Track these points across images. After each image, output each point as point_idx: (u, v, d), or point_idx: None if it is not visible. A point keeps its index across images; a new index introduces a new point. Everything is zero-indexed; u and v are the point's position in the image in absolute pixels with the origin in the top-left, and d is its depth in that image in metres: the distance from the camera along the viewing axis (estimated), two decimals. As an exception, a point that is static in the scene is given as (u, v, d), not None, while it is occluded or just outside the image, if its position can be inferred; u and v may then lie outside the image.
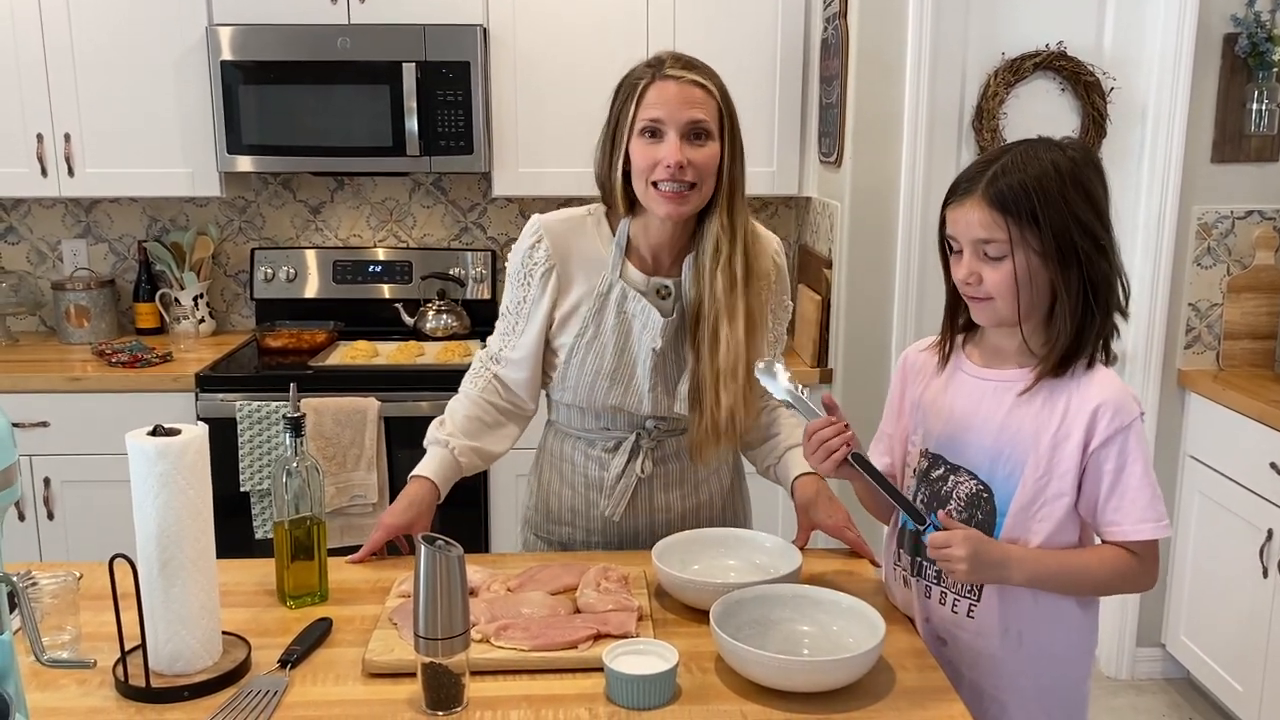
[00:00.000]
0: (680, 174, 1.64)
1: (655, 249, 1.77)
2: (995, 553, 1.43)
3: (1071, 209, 1.41)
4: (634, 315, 1.76)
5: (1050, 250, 1.41)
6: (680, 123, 1.64)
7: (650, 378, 1.77)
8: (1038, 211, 1.40)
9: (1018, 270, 1.41)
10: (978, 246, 1.44)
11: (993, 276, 1.43)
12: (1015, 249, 1.41)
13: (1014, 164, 1.42)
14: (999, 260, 1.42)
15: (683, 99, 1.64)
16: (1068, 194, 1.41)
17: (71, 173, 3.24)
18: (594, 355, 1.77)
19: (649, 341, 1.75)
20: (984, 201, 1.41)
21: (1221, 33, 3.01)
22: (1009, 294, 1.43)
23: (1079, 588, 1.49)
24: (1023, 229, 1.40)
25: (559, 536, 1.91)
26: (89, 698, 1.35)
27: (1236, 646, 2.91)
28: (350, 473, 3.00)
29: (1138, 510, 1.43)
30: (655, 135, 1.65)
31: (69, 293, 3.45)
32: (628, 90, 1.69)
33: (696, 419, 1.75)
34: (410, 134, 3.16)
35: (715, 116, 1.67)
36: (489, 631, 1.45)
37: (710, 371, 1.72)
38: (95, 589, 1.58)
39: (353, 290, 3.58)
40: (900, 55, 2.97)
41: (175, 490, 1.34)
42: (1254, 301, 3.13)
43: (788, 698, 1.34)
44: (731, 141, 1.69)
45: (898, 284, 3.05)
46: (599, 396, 1.78)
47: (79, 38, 3.17)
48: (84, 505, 3.09)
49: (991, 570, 1.44)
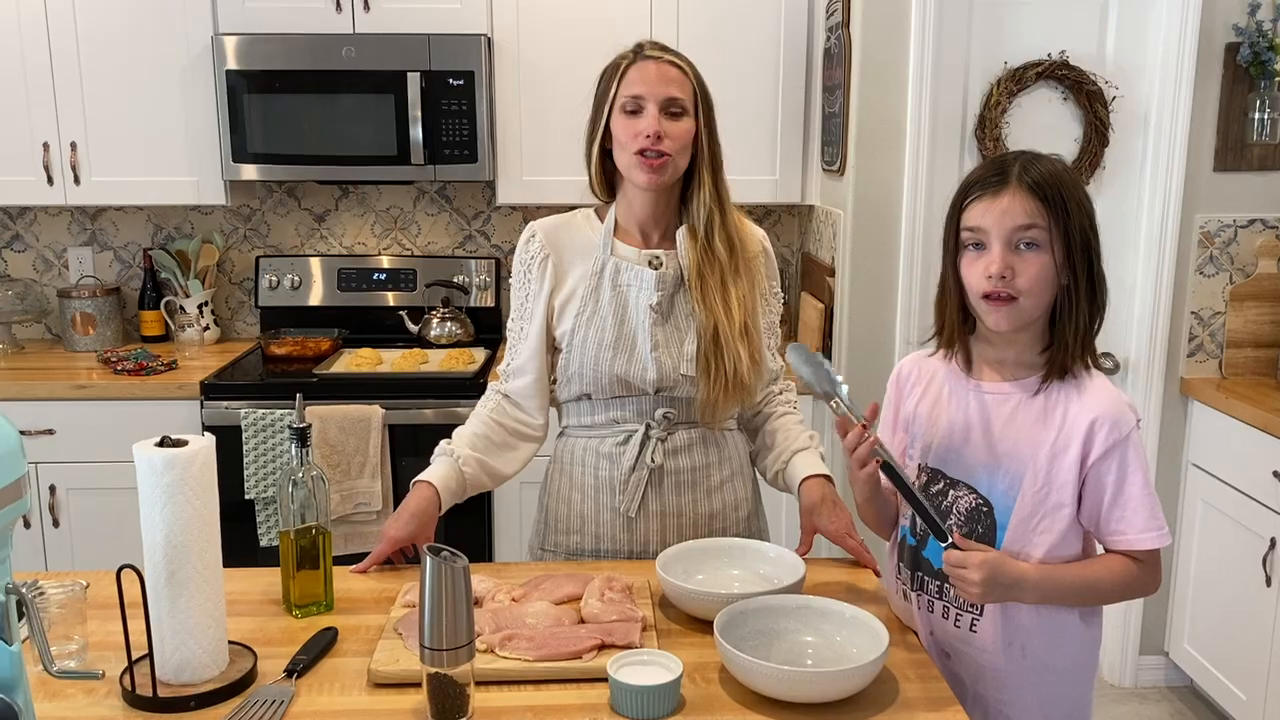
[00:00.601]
0: (658, 143, 1.75)
1: (642, 225, 1.86)
2: (1011, 575, 1.43)
3: (1083, 207, 1.43)
4: (629, 285, 1.84)
5: (1075, 245, 1.42)
6: (659, 98, 1.76)
7: (651, 338, 1.80)
8: (1068, 202, 1.41)
9: (1056, 260, 1.41)
10: (1013, 237, 1.42)
11: (1027, 269, 1.41)
12: (1053, 239, 1.41)
13: (1032, 161, 1.44)
14: (1034, 251, 1.41)
15: (661, 77, 1.77)
16: (1079, 193, 1.44)
17: (77, 181, 3.25)
18: (595, 329, 1.82)
19: (645, 300, 1.81)
20: (1023, 189, 1.41)
21: (1224, 42, 3.01)
22: (1040, 289, 1.42)
23: (1088, 600, 1.50)
24: (1055, 220, 1.41)
25: (566, 547, 1.91)
26: (96, 707, 1.36)
27: (1240, 654, 2.91)
28: (355, 480, 3.01)
29: (1141, 520, 1.44)
30: (636, 111, 1.77)
31: (74, 300, 3.46)
32: (610, 71, 1.82)
33: (707, 379, 1.79)
34: (415, 142, 3.17)
35: (691, 95, 1.79)
36: (494, 642, 1.46)
37: (724, 327, 1.79)
38: (102, 598, 1.59)
39: (357, 298, 3.59)
40: (903, 64, 2.98)
41: (182, 501, 1.35)
42: (1257, 310, 3.13)
43: (792, 709, 1.34)
44: (708, 119, 1.81)
45: (900, 292, 3.06)
46: (604, 369, 1.81)
47: (85, 47, 3.18)
48: (89, 513, 3.10)
49: (1005, 592, 1.44)
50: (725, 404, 1.83)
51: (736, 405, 1.88)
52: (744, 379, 1.80)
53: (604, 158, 1.85)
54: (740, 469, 1.93)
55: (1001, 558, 1.44)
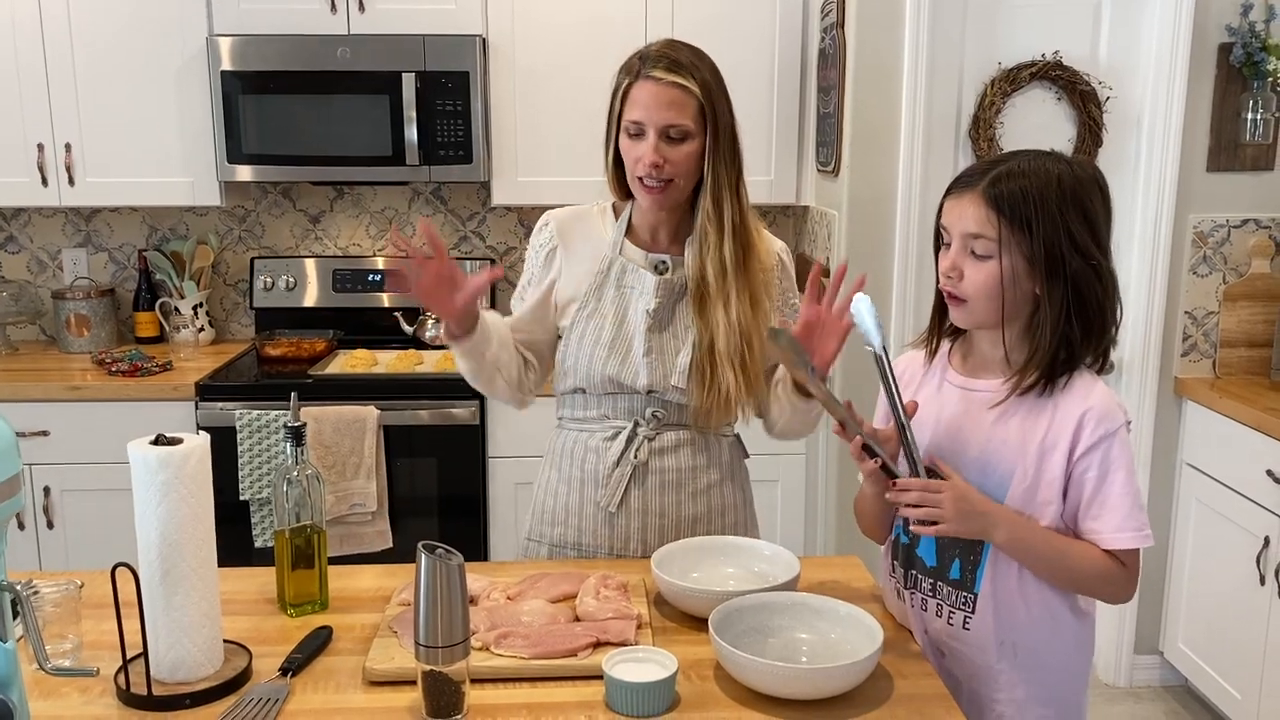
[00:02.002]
0: (656, 172, 1.74)
1: (653, 229, 1.87)
2: (980, 504, 1.44)
3: (1066, 223, 1.41)
4: (632, 287, 1.84)
5: (1038, 259, 1.42)
6: (658, 125, 1.73)
7: (645, 342, 1.80)
8: (1032, 219, 1.40)
9: (1003, 273, 1.42)
10: (966, 241, 1.45)
11: (974, 276, 1.44)
12: (1002, 251, 1.42)
13: (1020, 169, 1.43)
14: (983, 260, 1.43)
15: (660, 102, 1.73)
16: (1065, 208, 1.41)
17: (72, 182, 3.25)
18: (593, 326, 1.83)
19: (643, 305, 1.81)
20: (981, 198, 1.43)
21: (1217, 42, 3.02)
22: (984, 297, 1.44)
23: (1057, 572, 1.47)
24: (1013, 232, 1.41)
25: (550, 538, 1.91)
26: (91, 706, 1.36)
27: (1234, 654, 2.91)
28: (350, 481, 3.01)
29: (1118, 518, 1.44)
30: (638, 135, 1.75)
31: (69, 302, 3.45)
32: (616, 88, 1.79)
33: (701, 391, 1.79)
34: (410, 143, 3.17)
35: (695, 115, 1.74)
36: (489, 639, 1.46)
37: (709, 350, 1.78)
38: (96, 598, 1.58)
39: (352, 299, 3.59)
40: (897, 65, 2.98)
41: (177, 499, 1.35)
42: (1250, 310, 3.14)
43: (787, 705, 1.34)
44: (715, 135, 1.76)
45: (895, 293, 3.06)
46: (597, 368, 1.82)
47: (79, 48, 3.18)
48: (84, 514, 3.09)
49: (977, 522, 1.44)
50: (717, 416, 1.83)
51: (729, 417, 1.87)
52: (731, 400, 1.79)
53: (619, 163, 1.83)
54: (731, 474, 1.92)
55: (966, 485, 1.45)
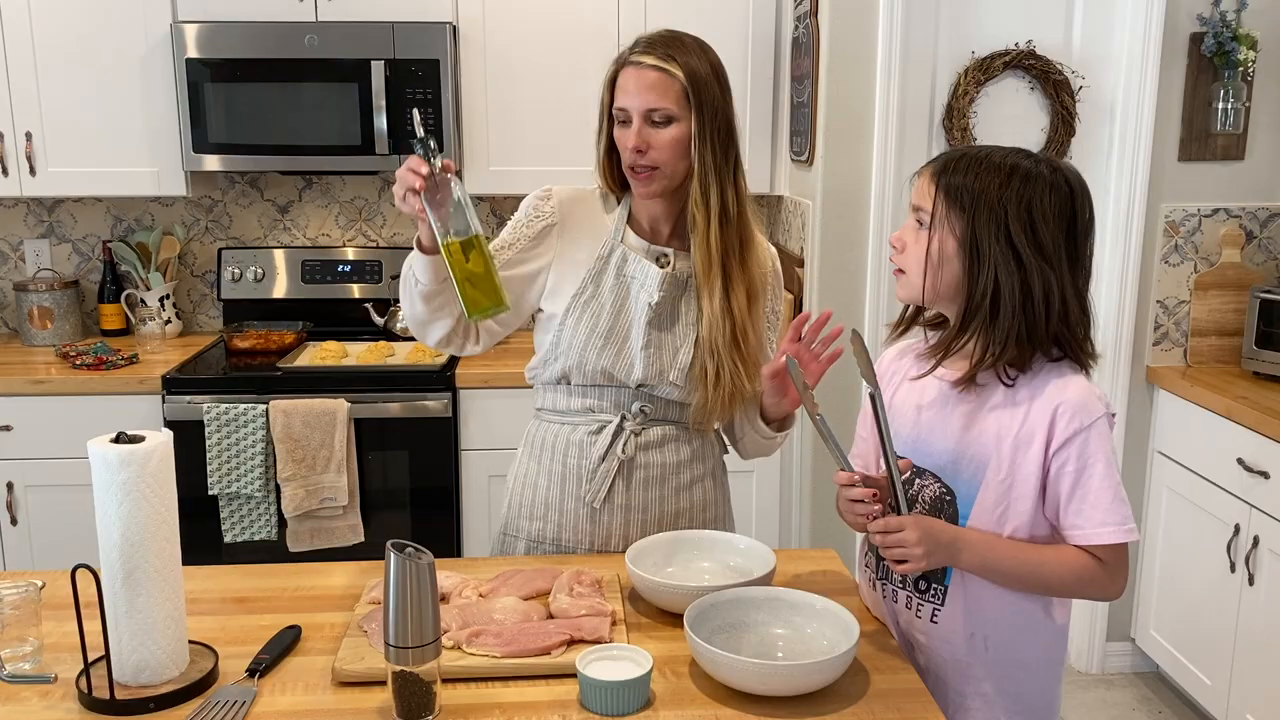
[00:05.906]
0: (639, 158, 1.72)
1: (652, 220, 1.83)
2: (946, 532, 1.43)
3: (1004, 213, 1.40)
4: (633, 277, 1.80)
5: (966, 244, 1.42)
6: (640, 110, 1.71)
7: (644, 335, 1.77)
8: (968, 201, 1.41)
9: (929, 247, 1.44)
10: (915, 213, 1.48)
11: (914, 249, 1.47)
12: (934, 225, 1.44)
13: (978, 155, 1.44)
14: (921, 233, 1.46)
15: (641, 86, 1.71)
16: (1007, 199, 1.40)
17: (34, 172, 3.18)
18: (590, 314, 1.79)
19: (645, 298, 1.78)
20: (929, 173, 1.46)
21: (1188, 32, 3.03)
22: (918, 270, 1.46)
23: (1034, 584, 1.45)
24: (949, 210, 1.42)
25: (528, 533, 1.89)
26: (52, 710, 1.33)
27: (1205, 641, 2.94)
28: (320, 475, 2.97)
29: (1099, 513, 1.41)
30: (625, 121, 1.73)
31: (32, 294, 3.39)
32: (606, 77, 1.77)
33: (704, 387, 1.77)
34: (379, 132, 3.13)
35: (678, 98, 1.71)
36: (460, 638, 1.44)
37: (700, 342, 1.77)
38: (58, 598, 1.55)
39: (322, 290, 3.55)
40: (871, 54, 2.97)
41: (139, 498, 1.32)
42: (1221, 299, 3.16)
43: (763, 701, 1.33)
44: (700, 120, 1.72)
45: (869, 282, 3.06)
46: (590, 359, 1.78)
47: (40, 34, 3.11)
48: (48, 510, 3.04)
49: (946, 552, 1.42)
50: (722, 413, 1.82)
51: (730, 413, 1.85)
52: (743, 389, 1.77)
53: (612, 157, 1.80)
54: (713, 471, 1.91)
55: (927, 519, 1.44)
